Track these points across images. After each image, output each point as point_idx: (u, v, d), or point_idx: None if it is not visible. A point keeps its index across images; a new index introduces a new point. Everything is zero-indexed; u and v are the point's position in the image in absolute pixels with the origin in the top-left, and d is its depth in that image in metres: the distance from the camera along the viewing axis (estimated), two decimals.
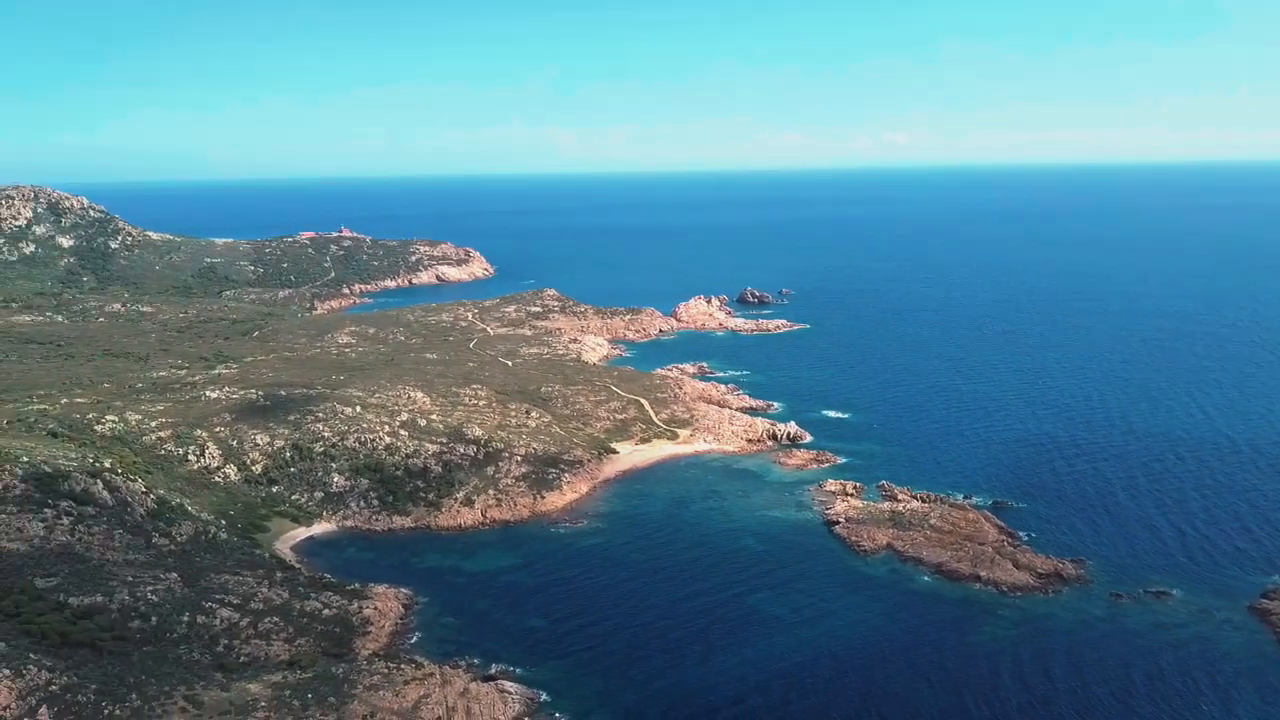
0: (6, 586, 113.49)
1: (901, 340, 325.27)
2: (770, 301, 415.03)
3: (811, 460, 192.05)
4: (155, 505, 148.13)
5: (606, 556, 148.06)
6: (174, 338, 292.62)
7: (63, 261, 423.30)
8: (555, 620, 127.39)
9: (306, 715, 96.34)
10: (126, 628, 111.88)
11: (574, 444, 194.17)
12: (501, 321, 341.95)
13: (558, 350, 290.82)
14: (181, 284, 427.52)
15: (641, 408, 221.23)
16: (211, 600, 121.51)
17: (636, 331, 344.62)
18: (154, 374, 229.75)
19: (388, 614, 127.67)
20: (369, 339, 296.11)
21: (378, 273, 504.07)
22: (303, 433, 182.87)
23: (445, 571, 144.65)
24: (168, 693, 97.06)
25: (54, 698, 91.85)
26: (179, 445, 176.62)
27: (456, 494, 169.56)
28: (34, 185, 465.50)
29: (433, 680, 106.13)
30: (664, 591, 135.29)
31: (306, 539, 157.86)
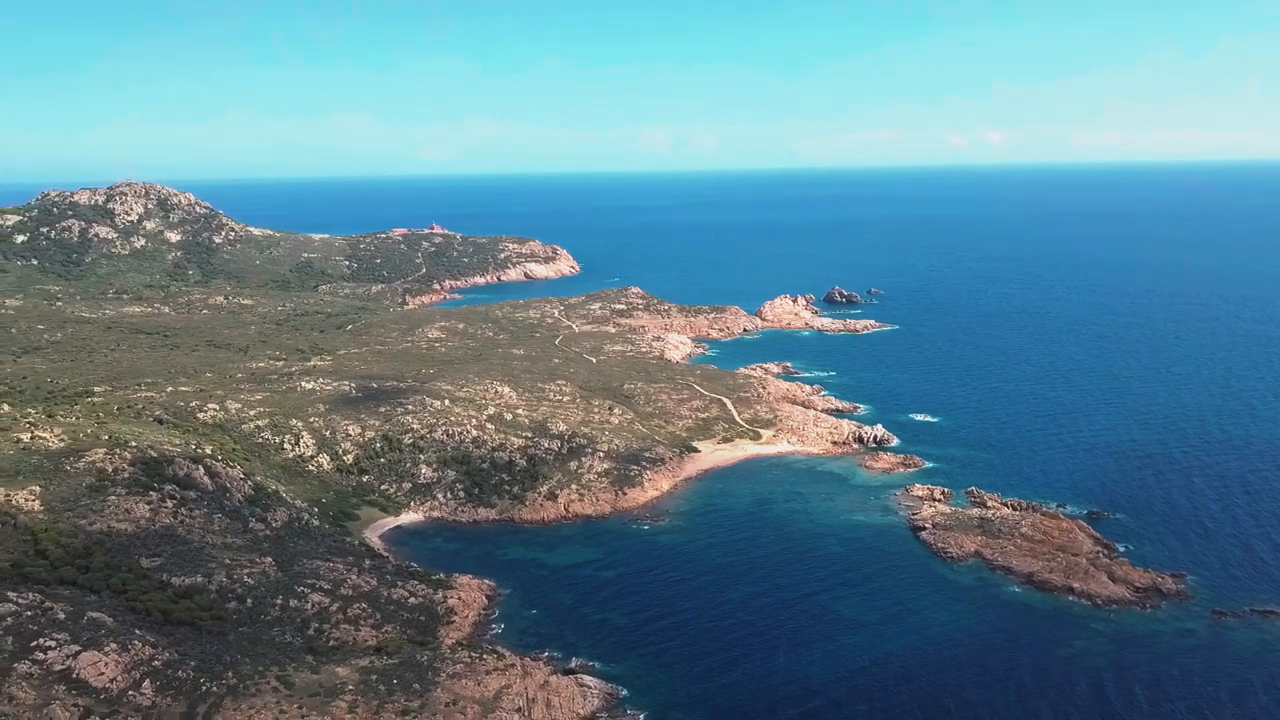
0: (115, 565, 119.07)
1: (994, 343, 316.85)
2: (859, 301, 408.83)
3: (898, 464, 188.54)
4: (252, 491, 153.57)
5: (687, 554, 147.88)
6: (272, 330, 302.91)
7: (170, 255, 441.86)
8: (635, 616, 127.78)
9: (391, 700, 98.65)
10: (224, 608, 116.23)
11: (656, 441, 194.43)
12: (586, 319, 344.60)
13: (641, 348, 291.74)
14: (280, 278, 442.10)
15: (724, 407, 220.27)
16: (303, 585, 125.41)
17: (720, 330, 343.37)
18: (253, 365, 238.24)
19: (471, 604, 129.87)
20: (458, 334, 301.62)
21: (467, 269, 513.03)
22: (393, 424, 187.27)
23: (528, 564, 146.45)
24: (261, 672, 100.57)
25: (156, 672, 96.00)
26: (275, 434, 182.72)
27: (540, 488, 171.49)
28: (145, 182, 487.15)
29: (514, 671, 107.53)
30: (745, 591, 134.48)
31: (394, 528, 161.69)
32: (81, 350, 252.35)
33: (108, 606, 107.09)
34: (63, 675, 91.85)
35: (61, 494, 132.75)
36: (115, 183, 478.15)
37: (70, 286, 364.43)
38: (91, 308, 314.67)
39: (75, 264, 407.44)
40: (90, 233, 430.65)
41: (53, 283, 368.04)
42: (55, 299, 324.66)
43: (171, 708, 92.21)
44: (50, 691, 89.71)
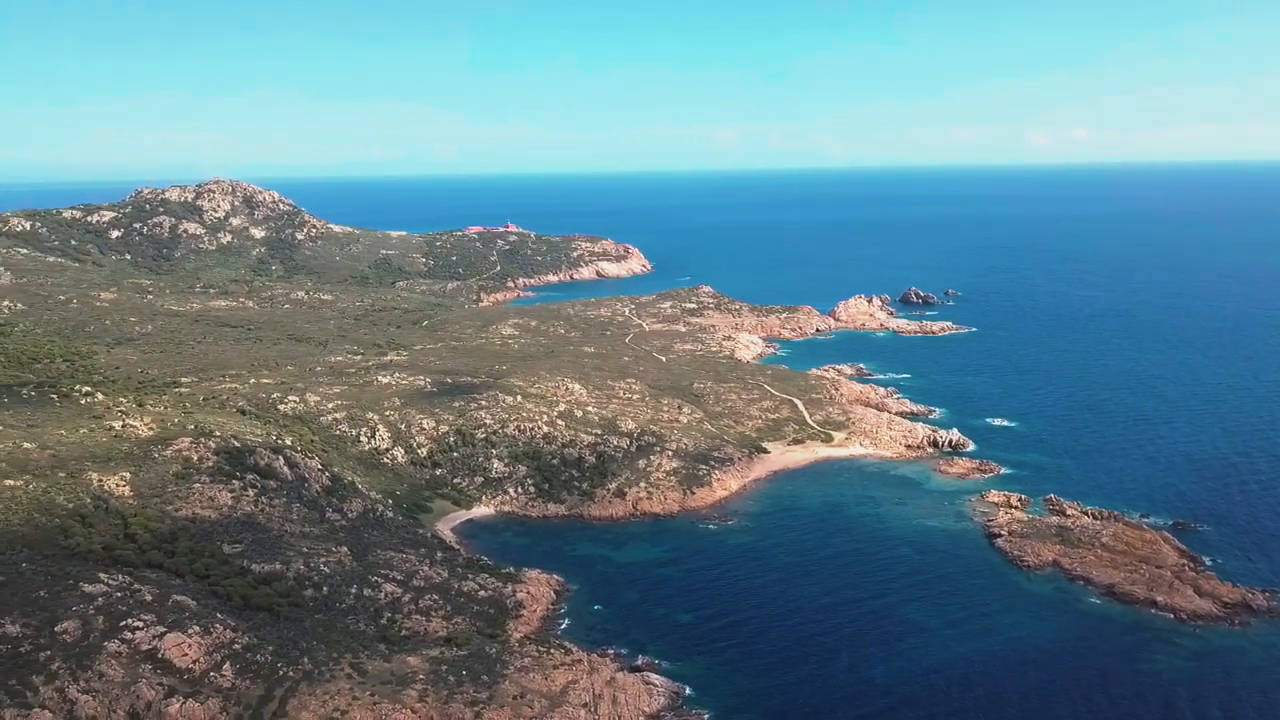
0: (199, 550, 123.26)
1: (1076, 346, 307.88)
2: (935, 303, 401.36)
3: (974, 469, 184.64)
4: (329, 482, 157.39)
5: (755, 555, 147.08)
6: (351, 325, 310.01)
7: (255, 251, 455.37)
8: (702, 616, 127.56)
9: (460, 691, 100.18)
10: (301, 595, 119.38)
11: (725, 441, 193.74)
12: (657, 317, 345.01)
13: (711, 347, 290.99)
14: (359, 274, 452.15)
15: (795, 408, 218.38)
16: (377, 575, 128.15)
17: (792, 330, 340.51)
18: (332, 358, 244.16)
19: (540, 599, 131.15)
20: (530, 331, 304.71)
21: (540, 267, 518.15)
22: (466, 419, 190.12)
23: (596, 560, 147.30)
24: (335, 659, 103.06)
25: (236, 655, 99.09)
26: (352, 426, 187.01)
27: (609, 485, 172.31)
28: (232, 180, 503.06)
29: (581, 667, 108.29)
30: (812, 594, 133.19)
31: (466, 521, 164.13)
32: (170, 342, 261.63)
33: (191, 590, 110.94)
34: (149, 655, 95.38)
35: (150, 480, 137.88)
36: (204, 180, 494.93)
37: (160, 280, 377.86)
38: (180, 301, 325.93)
39: (165, 259, 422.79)
40: (180, 229, 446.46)
41: (144, 276, 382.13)
42: (146, 292, 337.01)
43: (250, 690, 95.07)
44: (137, 670, 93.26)
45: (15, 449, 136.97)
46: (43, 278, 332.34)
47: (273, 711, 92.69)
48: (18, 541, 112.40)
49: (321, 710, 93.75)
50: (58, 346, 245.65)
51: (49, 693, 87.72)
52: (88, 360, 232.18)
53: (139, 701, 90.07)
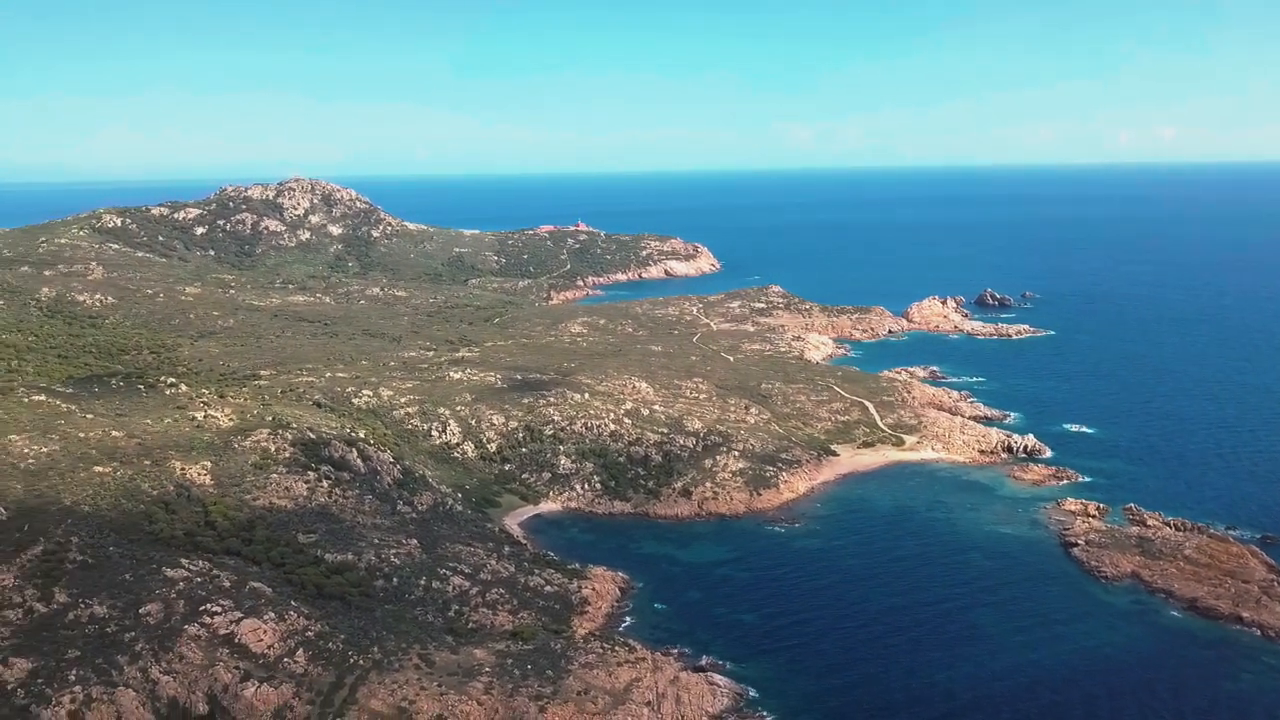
0: (275, 538, 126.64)
1: (1159, 351, 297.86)
2: (1012, 304, 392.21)
3: (1050, 476, 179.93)
4: (401, 475, 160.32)
5: (822, 558, 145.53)
6: (424, 321, 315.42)
7: (332, 248, 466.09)
8: (766, 617, 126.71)
9: (525, 685, 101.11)
10: (372, 585, 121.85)
11: (793, 443, 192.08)
12: (725, 317, 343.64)
13: (780, 347, 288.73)
14: (432, 271, 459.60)
15: (865, 410, 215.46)
16: (446, 567, 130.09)
17: (864, 331, 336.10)
18: (405, 354, 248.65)
19: (605, 595, 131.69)
20: (599, 329, 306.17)
21: (610, 266, 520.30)
22: (535, 416, 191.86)
23: (661, 559, 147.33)
24: (404, 649, 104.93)
25: (309, 642, 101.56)
26: (424, 421, 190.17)
27: (675, 484, 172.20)
28: (312, 178, 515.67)
29: (644, 665, 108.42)
30: (880, 599, 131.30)
31: (533, 516, 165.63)
32: (250, 336, 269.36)
33: (267, 577, 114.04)
34: (226, 639, 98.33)
35: (230, 470, 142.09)
36: (284, 179, 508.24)
37: (242, 276, 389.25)
38: (260, 296, 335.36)
39: (247, 254, 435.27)
40: (261, 225, 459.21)
41: (227, 272, 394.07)
42: (229, 287, 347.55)
43: (322, 677, 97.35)
44: (215, 654, 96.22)
45: (105, 437, 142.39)
46: (132, 272, 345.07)
47: (343, 699, 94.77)
48: (106, 526, 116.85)
49: (390, 699, 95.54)
50: (145, 339, 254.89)
51: (133, 672, 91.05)
52: (173, 352, 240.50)
53: (216, 684, 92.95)
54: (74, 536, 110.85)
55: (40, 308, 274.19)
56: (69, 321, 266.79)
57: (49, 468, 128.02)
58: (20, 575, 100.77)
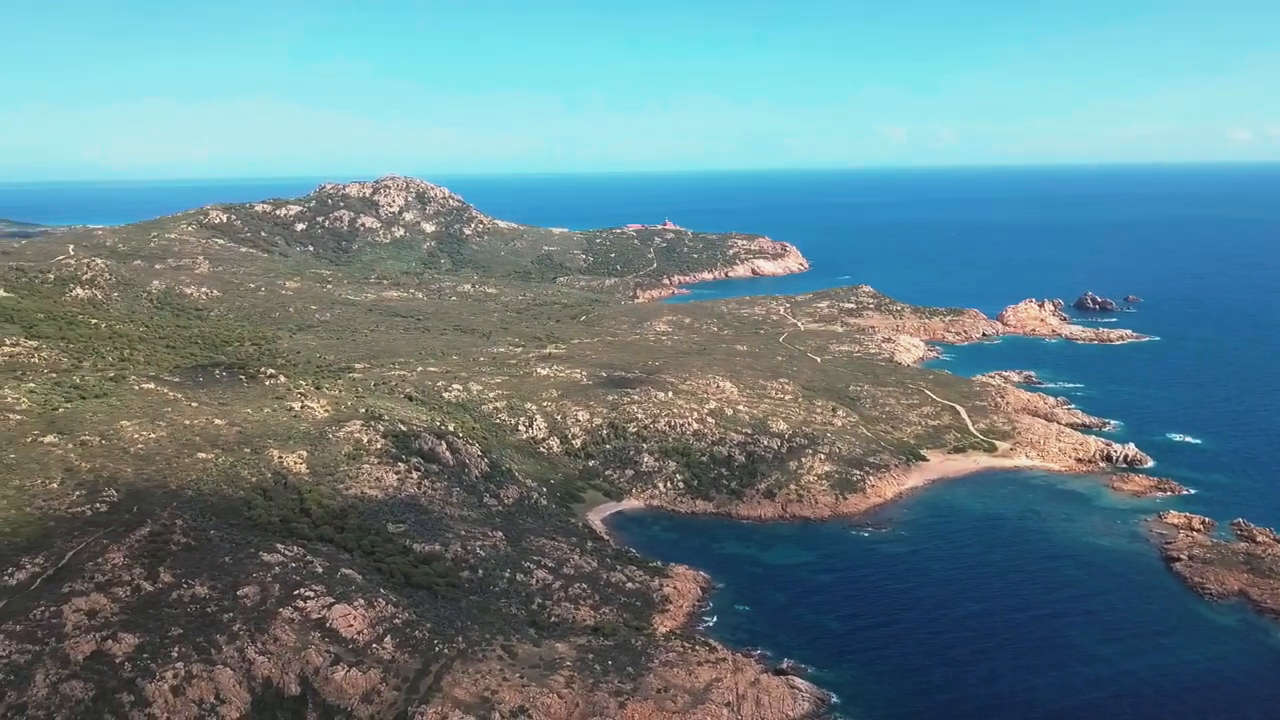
0: (366, 527, 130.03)
1: (1272, 360, 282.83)
2: (1114, 309, 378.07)
3: (1152, 487, 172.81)
4: (488, 468, 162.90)
5: (909, 565, 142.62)
6: (513, 318, 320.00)
7: (425, 245, 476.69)
8: (850, 622, 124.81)
9: (605, 680, 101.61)
10: (458, 576, 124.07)
11: (881, 447, 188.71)
12: (813, 317, 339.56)
13: (869, 349, 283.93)
14: (522, 269, 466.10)
15: (957, 415, 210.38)
16: (530, 561, 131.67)
17: (956, 334, 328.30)
18: (494, 350, 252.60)
19: (686, 594, 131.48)
20: (684, 328, 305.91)
21: (696, 265, 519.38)
22: (619, 413, 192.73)
23: (743, 560, 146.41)
24: (488, 640, 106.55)
25: (396, 630, 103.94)
26: (511, 416, 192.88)
27: (758, 485, 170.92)
28: (407, 176, 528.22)
29: (725, 665, 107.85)
30: (967, 607, 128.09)
31: (616, 513, 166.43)
32: (346, 330, 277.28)
33: (358, 565, 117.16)
34: (318, 624, 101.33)
35: (324, 459, 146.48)
36: (381, 177, 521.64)
37: (339, 271, 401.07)
38: (356, 291, 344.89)
39: (344, 250, 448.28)
40: (358, 222, 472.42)
41: (325, 267, 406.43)
42: (326, 282, 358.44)
43: (408, 664, 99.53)
44: (308, 637, 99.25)
45: (208, 424, 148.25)
46: (235, 267, 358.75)
47: (428, 686, 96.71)
48: (208, 510, 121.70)
49: (473, 688, 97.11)
50: (247, 331, 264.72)
51: (230, 652, 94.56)
52: (272, 344, 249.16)
53: (308, 667, 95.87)
54: (178, 519, 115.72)
55: (151, 300, 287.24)
56: (177, 313, 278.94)
57: (156, 453, 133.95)
58: (129, 555, 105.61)
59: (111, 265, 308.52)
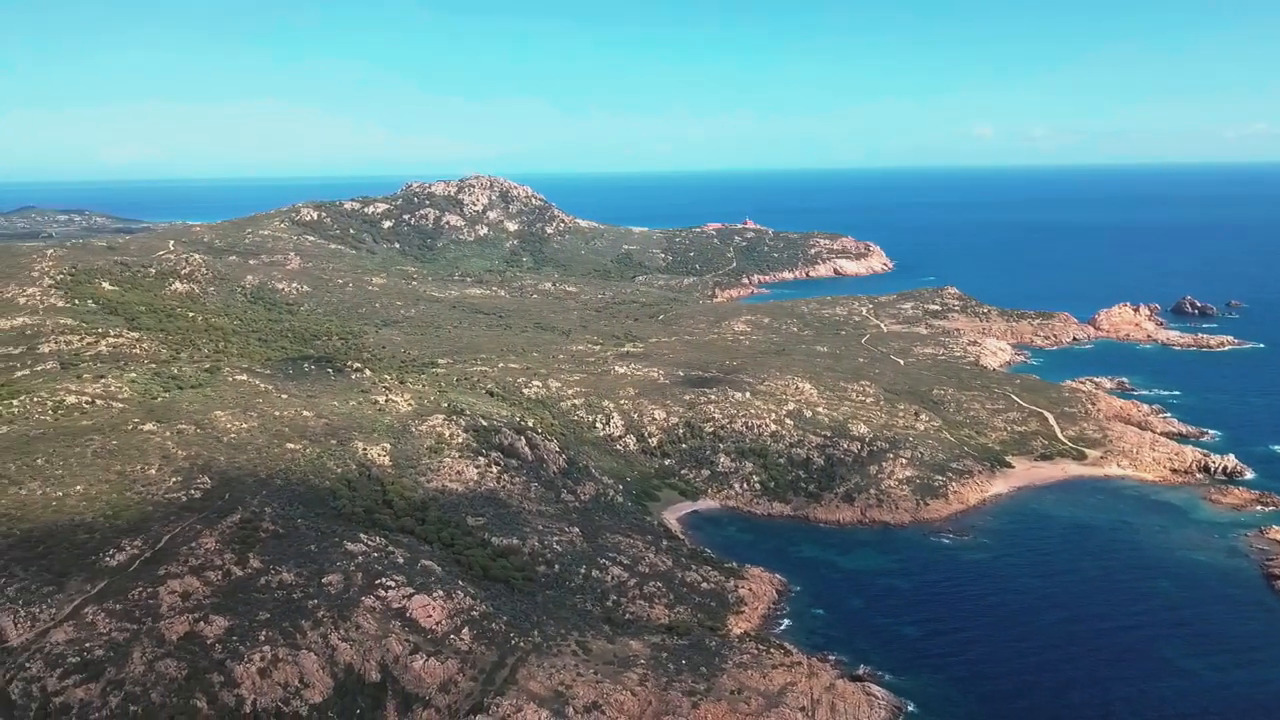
0: (445, 520, 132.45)
1: None
2: (1214, 314, 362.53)
3: (1253, 501, 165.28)
4: (566, 465, 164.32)
5: (992, 574, 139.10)
6: (592, 316, 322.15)
7: (508, 243, 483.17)
8: (929, 630, 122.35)
9: (679, 680, 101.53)
10: (534, 571, 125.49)
11: (964, 452, 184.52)
12: (896, 318, 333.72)
13: (954, 352, 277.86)
14: (601, 268, 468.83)
15: (1045, 421, 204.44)
16: (606, 557, 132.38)
17: (1046, 337, 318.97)
18: (573, 347, 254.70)
19: (761, 596, 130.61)
20: (763, 328, 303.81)
21: (776, 264, 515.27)
22: (696, 412, 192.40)
23: (820, 564, 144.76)
24: (563, 635, 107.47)
25: (474, 622, 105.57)
26: (589, 413, 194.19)
27: (837, 489, 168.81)
28: (490, 176, 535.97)
29: (800, 669, 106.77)
30: (1054, 621, 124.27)
31: (691, 512, 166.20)
32: (430, 326, 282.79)
33: (437, 557, 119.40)
34: (398, 613, 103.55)
35: (407, 452, 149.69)
36: (465, 176, 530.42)
37: (424, 268, 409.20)
38: (440, 288, 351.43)
39: (429, 248, 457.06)
40: (443, 220, 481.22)
41: (410, 264, 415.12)
42: (411, 279, 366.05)
43: (485, 656, 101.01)
44: (388, 626, 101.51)
45: (297, 416, 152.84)
46: (325, 263, 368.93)
47: (504, 678, 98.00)
48: (295, 499, 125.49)
49: (548, 682, 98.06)
50: (335, 325, 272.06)
51: (314, 637, 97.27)
52: (359, 339, 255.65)
53: (388, 655, 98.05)
54: (268, 507, 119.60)
55: (244, 294, 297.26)
56: (269, 307, 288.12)
57: (247, 443, 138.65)
58: (221, 540, 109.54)
59: (208, 260, 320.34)
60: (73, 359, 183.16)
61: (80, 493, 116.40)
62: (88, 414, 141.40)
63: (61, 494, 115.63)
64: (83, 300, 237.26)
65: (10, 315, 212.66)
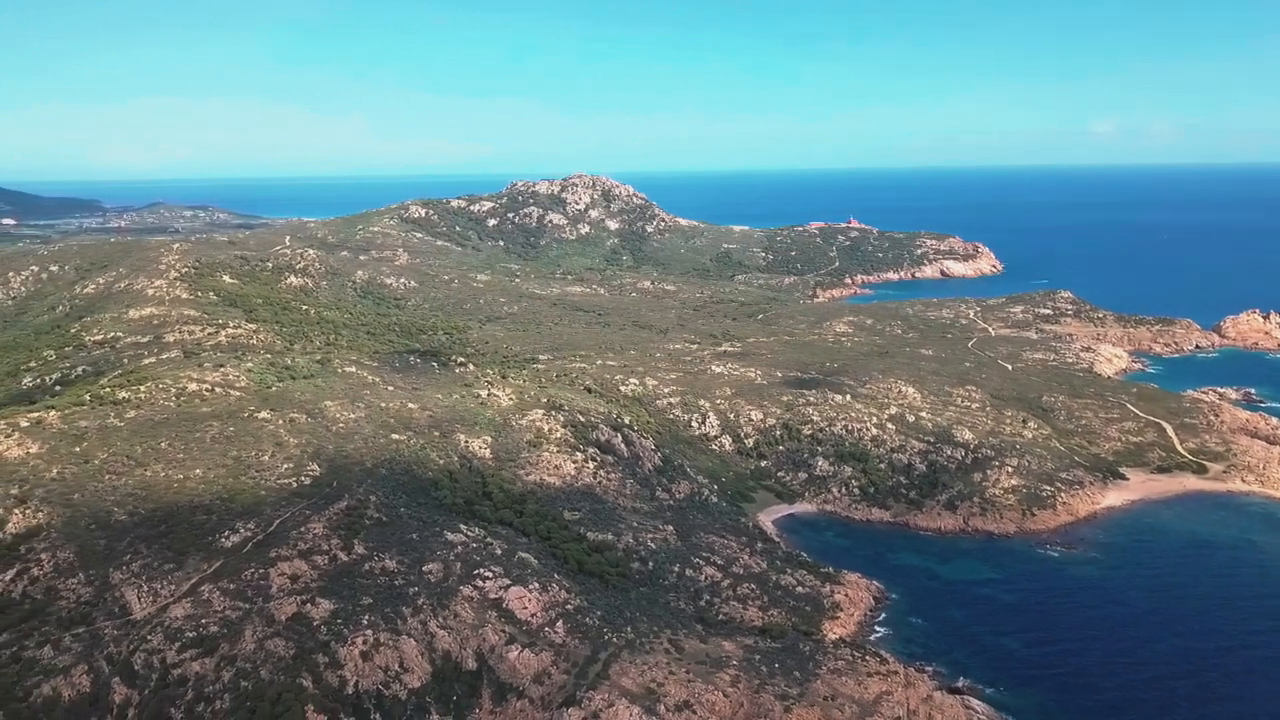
0: (543, 513, 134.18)
1: None
2: None
3: None
4: (661, 463, 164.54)
5: (1102, 589, 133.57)
6: (690, 315, 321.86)
7: (608, 242, 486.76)
8: (1033, 645, 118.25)
9: (771, 683, 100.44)
10: (628, 567, 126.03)
11: (1075, 462, 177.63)
12: (1005, 322, 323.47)
13: (1066, 358, 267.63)
14: (701, 267, 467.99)
15: (1162, 432, 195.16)
16: (699, 557, 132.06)
17: (1165, 345, 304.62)
18: (670, 346, 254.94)
19: (857, 603, 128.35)
20: (865, 329, 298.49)
21: (880, 264, 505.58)
22: (794, 414, 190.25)
23: (919, 572, 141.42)
24: (655, 633, 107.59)
25: (568, 615, 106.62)
26: (685, 412, 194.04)
27: (939, 496, 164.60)
28: (593, 175, 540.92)
29: (896, 679, 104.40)
30: (1167, 639, 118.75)
31: (787, 515, 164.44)
32: (531, 322, 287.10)
33: (534, 549, 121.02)
34: (495, 604, 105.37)
35: (507, 446, 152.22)
36: (569, 175, 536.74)
37: (526, 265, 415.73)
38: (541, 285, 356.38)
39: (532, 246, 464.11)
40: (546, 219, 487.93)
41: (513, 261, 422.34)
42: (514, 276, 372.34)
43: (578, 650, 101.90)
44: (485, 615, 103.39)
45: (402, 408, 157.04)
46: (432, 259, 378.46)
47: (596, 673, 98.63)
48: (399, 488, 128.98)
49: (640, 679, 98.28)
50: (440, 320, 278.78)
51: (414, 624, 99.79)
52: (463, 334, 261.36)
53: (485, 644, 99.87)
54: (373, 495, 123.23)
55: (355, 288, 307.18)
56: (377, 302, 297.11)
57: (355, 432, 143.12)
58: (328, 526, 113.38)
59: (321, 255, 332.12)
60: (195, 348, 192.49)
61: (199, 476, 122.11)
62: (207, 401, 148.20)
63: (182, 476, 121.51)
64: (205, 292, 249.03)
65: (140, 306, 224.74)
